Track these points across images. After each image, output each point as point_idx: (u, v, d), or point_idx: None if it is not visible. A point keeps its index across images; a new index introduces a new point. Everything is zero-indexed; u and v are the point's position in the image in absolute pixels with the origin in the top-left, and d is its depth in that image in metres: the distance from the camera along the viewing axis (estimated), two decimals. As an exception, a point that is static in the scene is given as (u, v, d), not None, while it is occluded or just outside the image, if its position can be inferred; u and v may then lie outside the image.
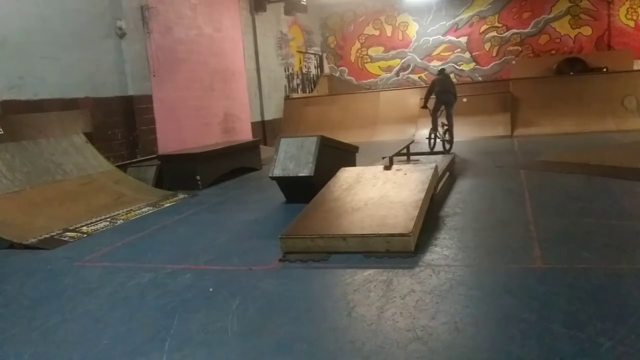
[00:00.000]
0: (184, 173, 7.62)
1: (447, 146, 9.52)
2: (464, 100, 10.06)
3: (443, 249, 4.01)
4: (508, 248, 3.98)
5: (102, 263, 4.43)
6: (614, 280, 3.20)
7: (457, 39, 16.97)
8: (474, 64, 16.94)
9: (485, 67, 16.83)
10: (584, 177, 6.36)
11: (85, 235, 5.29)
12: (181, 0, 9.68)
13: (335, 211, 4.66)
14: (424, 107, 9.66)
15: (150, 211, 6.28)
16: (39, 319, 3.25)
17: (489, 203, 5.58)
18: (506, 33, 16.51)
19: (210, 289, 3.53)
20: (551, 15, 16.04)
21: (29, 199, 5.79)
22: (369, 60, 18.00)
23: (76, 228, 5.48)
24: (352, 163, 7.07)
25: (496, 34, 16.61)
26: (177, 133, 9.26)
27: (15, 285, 3.99)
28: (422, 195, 4.64)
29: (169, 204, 6.64)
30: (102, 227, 5.57)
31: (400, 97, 13.47)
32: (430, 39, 17.22)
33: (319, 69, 17.58)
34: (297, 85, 15.67)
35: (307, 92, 16.29)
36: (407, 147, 7.88)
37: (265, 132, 13.07)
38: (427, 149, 9.15)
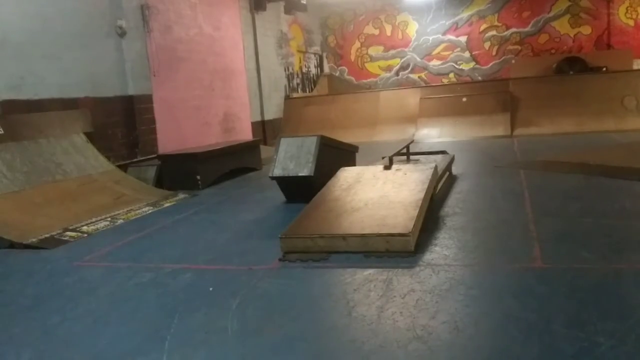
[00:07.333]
0: (184, 173, 7.61)
1: None
2: (464, 99, 10.00)
3: (443, 249, 4.01)
4: (508, 248, 3.98)
5: (102, 263, 4.43)
6: (614, 280, 3.20)
7: (457, 38, 16.95)
8: (473, 63, 16.93)
9: (484, 67, 16.82)
10: (583, 177, 6.35)
11: (85, 235, 5.29)
12: (181, -1, 9.69)
13: (335, 211, 4.66)
14: None
15: (150, 211, 6.28)
16: (39, 319, 3.25)
17: (489, 203, 5.58)
18: (506, 32, 16.50)
19: (210, 289, 3.54)
20: (551, 15, 16.03)
21: (29, 198, 5.79)
22: (368, 59, 17.99)
23: (76, 228, 5.48)
24: (352, 163, 7.07)
25: (496, 33, 16.60)
26: (177, 133, 9.26)
27: (15, 285, 3.99)
28: (422, 195, 4.64)
29: (169, 204, 6.65)
30: (102, 227, 5.57)
31: (400, 96, 13.45)
32: (430, 38, 17.21)
33: (319, 69, 17.56)
34: (297, 84, 15.65)
35: (307, 91, 16.27)
36: (407, 147, 7.88)
37: (265, 132, 13.05)
38: (426, 149, 8.82)
